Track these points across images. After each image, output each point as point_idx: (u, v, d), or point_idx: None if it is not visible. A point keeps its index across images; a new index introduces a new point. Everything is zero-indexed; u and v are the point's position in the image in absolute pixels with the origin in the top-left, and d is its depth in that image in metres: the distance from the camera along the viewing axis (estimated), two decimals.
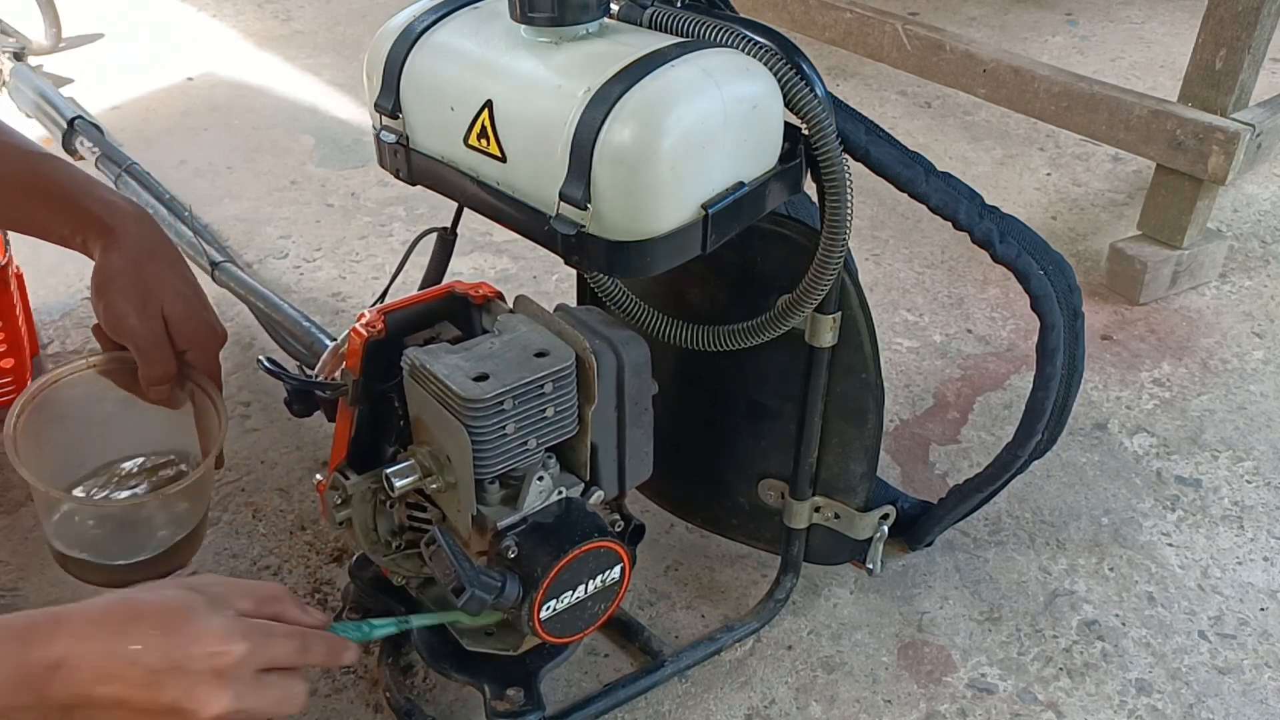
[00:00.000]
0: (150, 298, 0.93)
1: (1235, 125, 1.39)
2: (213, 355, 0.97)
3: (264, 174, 1.83)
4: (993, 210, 0.92)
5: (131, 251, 0.94)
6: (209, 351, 0.97)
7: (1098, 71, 2.11)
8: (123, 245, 0.94)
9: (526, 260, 1.59)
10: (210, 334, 0.97)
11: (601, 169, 0.70)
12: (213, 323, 0.98)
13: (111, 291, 0.93)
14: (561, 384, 0.77)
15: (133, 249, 0.94)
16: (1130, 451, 1.26)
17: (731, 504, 1.08)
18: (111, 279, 0.93)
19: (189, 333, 0.95)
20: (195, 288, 0.98)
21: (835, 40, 1.86)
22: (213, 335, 0.97)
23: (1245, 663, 1.01)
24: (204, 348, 0.96)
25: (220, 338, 0.98)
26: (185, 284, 0.97)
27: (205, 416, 0.98)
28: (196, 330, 0.96)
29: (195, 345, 0.96)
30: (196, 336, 0.96)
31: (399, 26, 0.83)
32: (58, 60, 2.23)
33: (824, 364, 0.93)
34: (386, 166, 0.87)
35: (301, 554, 1.10)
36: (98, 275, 0.94)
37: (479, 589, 0.75)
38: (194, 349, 0.96)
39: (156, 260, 0.95)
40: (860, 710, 0.96)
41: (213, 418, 0.96)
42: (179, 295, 0.95)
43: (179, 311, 0.94)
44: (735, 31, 0.78)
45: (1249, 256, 1.63)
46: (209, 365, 0.97)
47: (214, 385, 0.97)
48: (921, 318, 1.49)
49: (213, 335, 0.97)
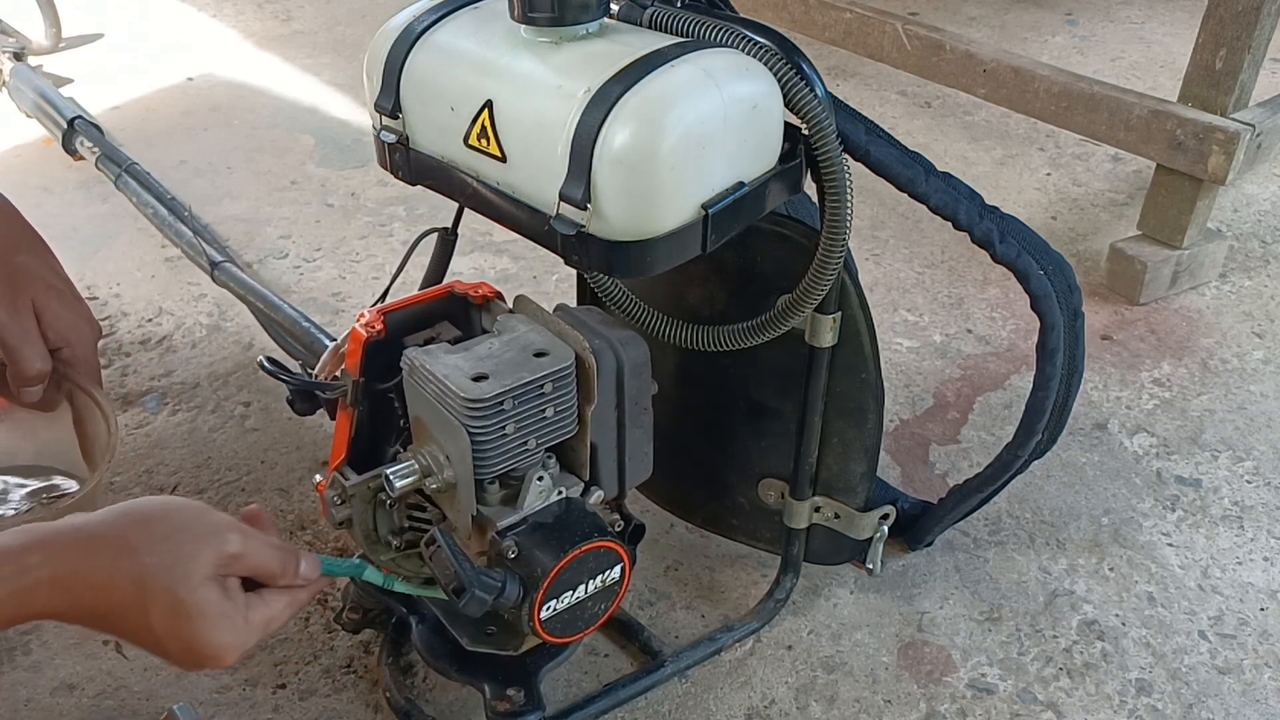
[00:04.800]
0: (18, 290, 0.85)
1: (1235, 125, 1.39)
2: (91, 351, 0.90)
3: (264, 174, 1.83)
4: (993, 210, 0.92)
5: None
6: (86, 347, 0.90)
7: (1098, 71, 2.11)
8: None
9: (526, 260, 1.59)
10: (87, 328, 0.90)
11: (601, 169, 0.70)
12: (88, 316, 0.90)
13: None
14: (561, 384, 0.77)
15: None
16: (1130, 451, 1.26)
17: (731, 504, 1.08)
18: None
19: (63, 328, 0.87)
20: (67, 280, 0.90)
21: (835, 40, 1.86)
22: (89, 329, 0.90)
23: (1245, 663, 1.01)
24: (80, 343, 0.89)
25: (96, 332, 0.90)
26: (56, 276, 0.89)
27: (88, 421, 0.90)
28: (71, 325, 0.88)
29: (70, 341, 0.88)
30: (72, 331, 0.88)
31: (399, 26, 0.83)
32: (58, 60, 2.23)
33: (824, 364, 0.93)
34: (386, 166, 0.87)
35: None
36: None
37: (479, 589, 0.75)
38: (68, 345, 0.88)
39: (22, 250, 0.87)
40: (860, 710, 0.96)
41: (98, 421, 0.88)
42: (50, 288, 0.87)
43: (51, 305, 0.86)
44: (735, 31, 0.78)
45: (1249, 256, 1.63)
46: (87, 362, 0.90)
47: (95, 384, 0.89)
48: (921, 318, 1.49)
49: (89, 329, 0.90)
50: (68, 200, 1.74)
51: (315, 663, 0.99)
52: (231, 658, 0.67)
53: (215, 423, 1.28)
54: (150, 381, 1.34)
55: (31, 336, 0.86)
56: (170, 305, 1.48)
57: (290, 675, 0.98)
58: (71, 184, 1.78)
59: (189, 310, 1.47)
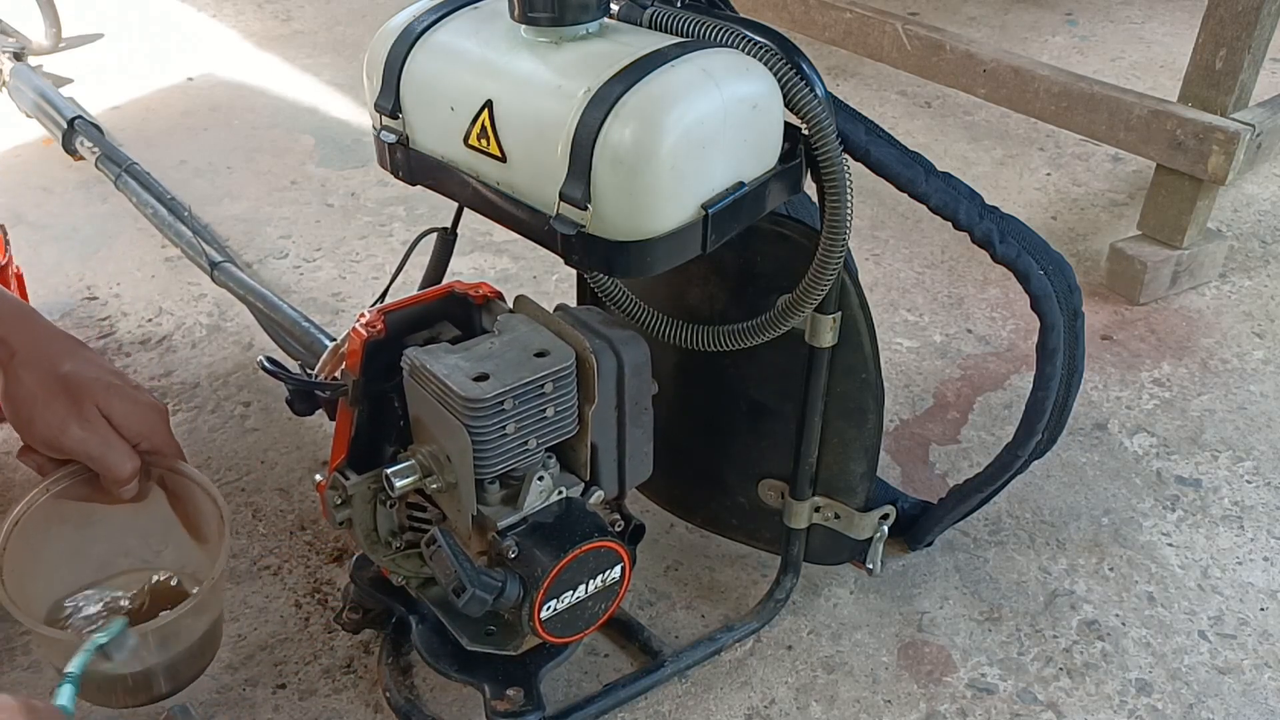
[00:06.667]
0: (81, 401, 0.85)
1: (1235, 125, 1.39)
2: (168, 437, 0.90)
3: (264, 174, 1.83)
4: (993, 210, 0.92)
5: (41, 359, 0.86)
6: (162, 435, 0.89)
7: (1098, 71, 2.11)
8: (26, 356, 0.86)
9: (526, 260, 1.59)
10: (156, 415, 0.89)
11: (601, 169, 0.70)
12: (152, 401, 0.90)
13: (35, 407, 0.85)
14: (562, 384, 0.77)
15: (40, 355, 0.86)
16: (1130, 451, 1.26)
17: (731, 504, 1.08)
18: (30, 394, 0.85)
19: (135, 423, 0.87)
20: (117, 372, 0.90)
21: (835, 40, 1.86)
22: (159, 416, 0.90)
23: (1245, 663, 1.01)
24: (156, 433, 0.89)
25: (165, 414, 0.90)
26: (108, 373, 0.89)
27: (188, 500, 0.90)
28: (142, 417, 0.88)
29: (146, 434, 0.88)
30: (144, 424, 0.88)
31: (399, 26, 0.83)
32: (58, 60, 2.24)
33: (824, 364, 0.93)
34: (386, 166, 0.87)
35: (301, 554, 1.10)
36: (9, 394, 0.86)
37: (480, 589, 0.75)
38: (146, 438, 0.88)
39: (64, 358, 0.87)
40: (860, 710, 0.96)
41: (203, 501, 0.89)
42: (108, 388, 0.87)
43: (115, 405, 0.87)
44: (735, 31, 0.78)
45: (1249, 256, 1.63)
46: (167, 445, 0.90)
47: (187, 465, 0.90)
48: (921, 318, 1.49)
49: (159, 416, 0.90)
50: (68, 200, 1.74)
51: (315, 663, 0.99)
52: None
53: (215, 423, 1.28)
54: (150, 381, 1.35)
55: (113, 440, 0.87)
56: (170, 305, 1.49)
57: (290, 675, 0.98)
58: (71, 184, 1.78)
59: (189, 310, 1.47)
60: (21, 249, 1.30)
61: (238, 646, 1.00)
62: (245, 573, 1.08)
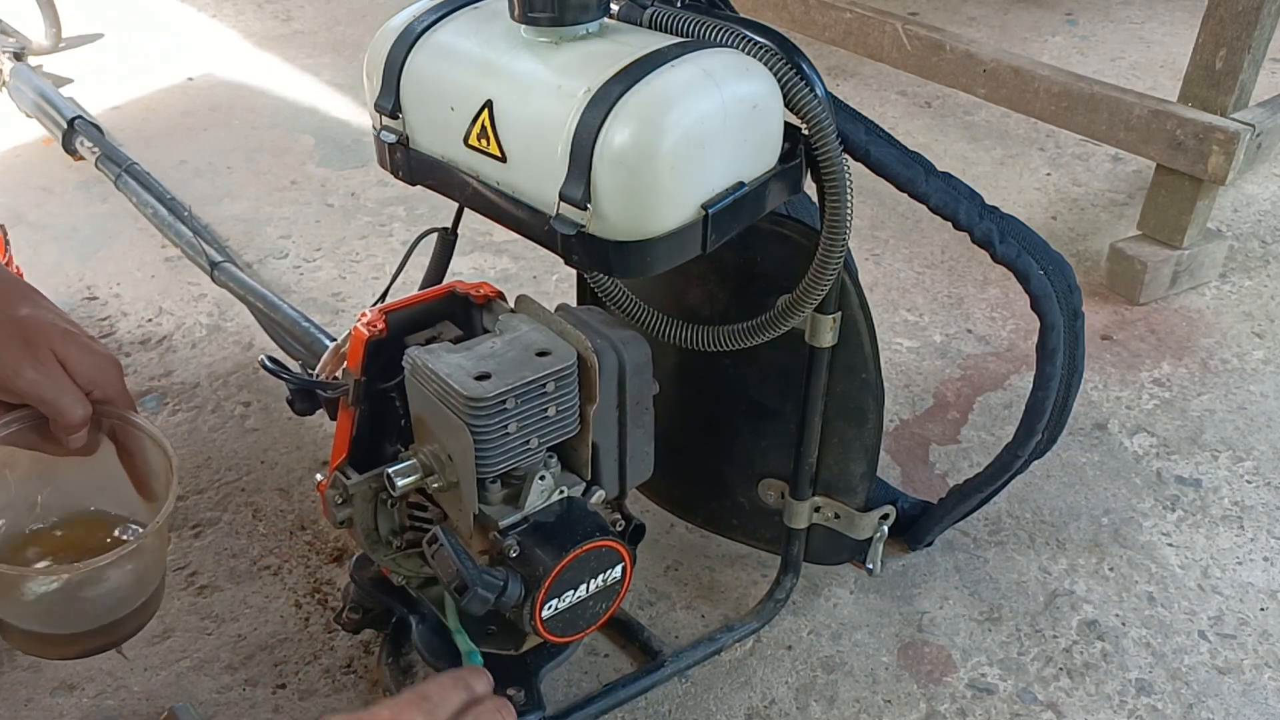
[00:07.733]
0: (36, 344, 0.84)
1: (1235, 125, 1.39)
2: (121, 388, 0.89)
3: (264, 174, 1.83)
4: (993, 210, 0.92)
5: None
6: (115, 386, 0.88)
7: (1098, 71, 2.11)
8: None
9: (527, 260, 1.59)
10: (111, 365, 0.89)
11: (601, 169, 0.70)
12: (107, 353, 0.89)
13: None
14: (563, 383, 0.78)
15: None
16: (1130, 451, 1.26)
17: (731, 504, 1.08)
18: None
19: (88, 371, 0.86)
20: (73, 322, 0.89)
21: (835, 40, 1.86)
22: (113, 367, 0.89)
23: (1245, 663, 1.01)
24: (109, 382, 0.88)
25: (119, 367, 0.89)
26: (64, 320, 0.88)
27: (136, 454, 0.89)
28: (96, 366, 0.87)
29: (99, 383, 0.87)
30: (97, 373, 0.87)
31: (399, 26, 0.83)
32: (58, 60, 2.24)
33: (824, 364, 0.93)
34: (386, 166, 0.87)
35: (301, 554, 1.10)
36: None
37: (481, 588, 0.75)
38: (98, 387, 0.87)
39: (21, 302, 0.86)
40: (860, 710, 0.96)
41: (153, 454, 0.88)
42: (64, 334, 0.86)
43: (71, 351, 0.85)
44: (735, 31, 0.78)
45: (1249, 256, 1.63)
46: (121, 399, 0.89)
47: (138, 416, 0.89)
48: (921, 318, 1.49)
49: (113, 367, 0.89)
50: (68, 200, 1.74)
51: (315, 663, 0.99)
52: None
53: (215, 423, 1.28)
54: (150, 381, 1.35)
55: (65, 385, 0.85)
56: (170, 305, 1.49)
57: (290, 675, 0.98)
58: (71, 184, 1.78)
59: (189, 310, 1.47)
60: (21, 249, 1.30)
61: (238, 646, 1.00)
62: (245, 573, 1.08)
